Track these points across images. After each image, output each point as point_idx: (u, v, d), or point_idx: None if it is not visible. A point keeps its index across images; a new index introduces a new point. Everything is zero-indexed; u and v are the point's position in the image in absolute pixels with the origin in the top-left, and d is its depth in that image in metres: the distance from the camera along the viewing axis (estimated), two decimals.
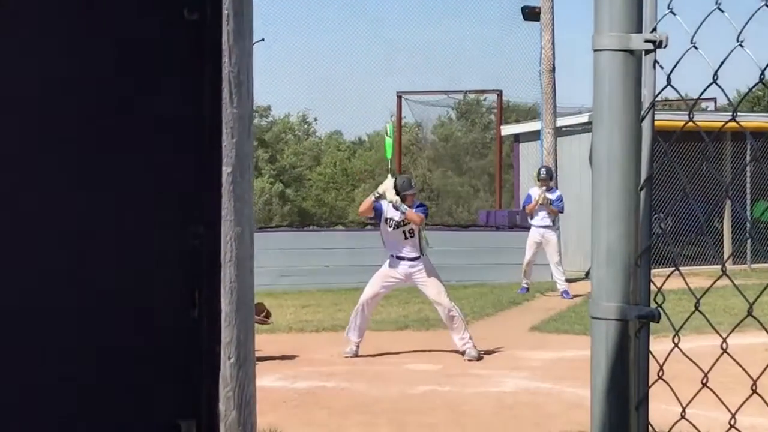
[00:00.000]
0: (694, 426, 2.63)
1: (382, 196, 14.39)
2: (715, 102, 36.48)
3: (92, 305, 1.56)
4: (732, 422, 2.49)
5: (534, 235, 22.29)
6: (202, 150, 1.51)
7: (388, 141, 15.66)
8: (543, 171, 22.65)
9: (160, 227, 1.46)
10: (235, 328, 3.22)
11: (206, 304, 1.40)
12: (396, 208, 14.27)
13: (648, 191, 2.39)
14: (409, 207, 14.30)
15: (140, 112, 1.60)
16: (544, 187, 22.19)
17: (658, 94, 2.35)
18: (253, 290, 3.27)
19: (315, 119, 60.42)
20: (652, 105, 2.36)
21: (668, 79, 2.39)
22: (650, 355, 2.44)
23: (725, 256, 26.96)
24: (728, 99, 2.34)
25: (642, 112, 2.36)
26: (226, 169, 3.21)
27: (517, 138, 32.43)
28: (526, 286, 22.48)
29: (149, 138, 1.56)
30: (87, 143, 1.81)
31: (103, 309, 1.57)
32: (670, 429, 2.56)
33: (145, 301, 1.43)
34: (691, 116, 2.52)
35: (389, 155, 15.58)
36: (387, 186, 14.43)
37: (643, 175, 2.39)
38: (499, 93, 31.97)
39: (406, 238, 14.36)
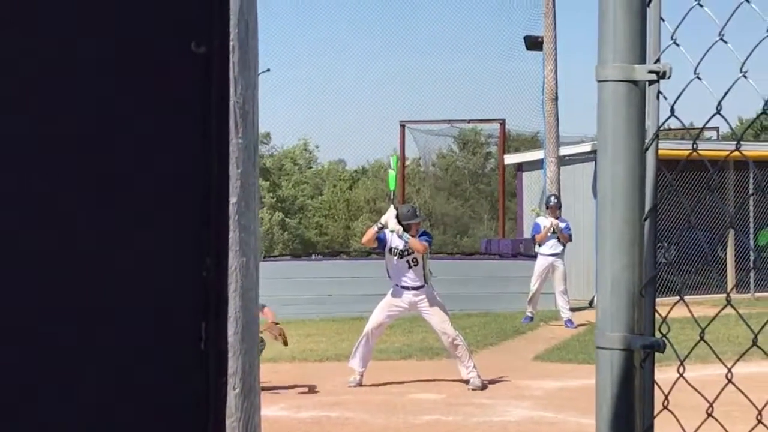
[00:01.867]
0: None
1: (384, 226, 14.40)
2: (718, 131, 36.51)
3: (96, 340, 1.57)
4: None
5: (542, 263, 22.25)
6: (210, 181, 1.52)
7: (392, 173, 15.69)
8: (553, 199, 22.66)
9: (168, 259, 1.47)
10: (240, 358, 3.22)
11: (213, 337, 1.41)
12: (399, 236, 14.28)
13: (652, 221, 2.39)
14: (413, 236, 14.31)
15: (147, 146, 1.61)
16: (553, 216, 22.18)
17: (662, 124, 2.36)
18: (258, 321, 3.28)
19: (317, 147, 60.60)
20: (656, 135, 2.37)
21: (672, 110, 2.41)
22: (655, 385, 2.44)
23: (729, 284, 26.95)
24: (731, 129, 2.35)
25: (646, 143, 2.37)
26: (231, 200, 3.22)
27: (520, 167, 32.46)
28: (530, 315, 22.44)
29: (156, 170, 1.57)
30: (89, 170, 1.82)
31: (105, 343, 1.57)
32: None
33: (151, 335, 1.43)
34: (695, 146, 2.53)
35: (392, 187, 15.61)
36: (389, 215, 14.45)
37: (648, 206, 2.40)
38: (502, 122, 32.03)
39: (410, 267, 14.36)
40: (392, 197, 15.30)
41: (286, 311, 22.89)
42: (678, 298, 2.85)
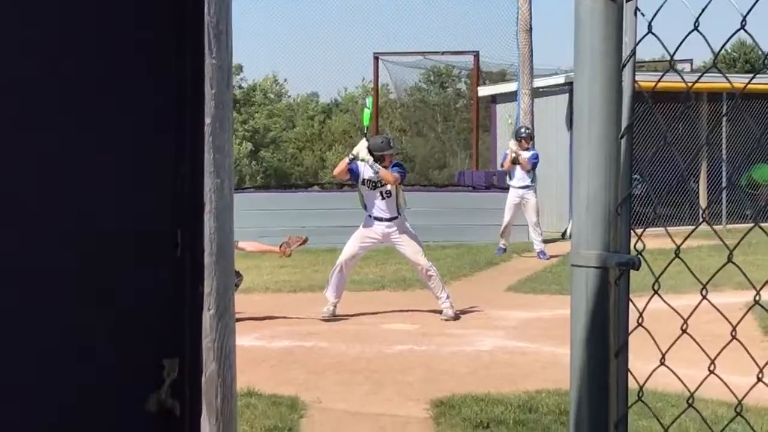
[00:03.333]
0: (674, 372, 2.65)
1: (356, 158, 14.35)
2: (692, 63, 36.55)
3: (72, 243, 1.55)
4: (712, 368, 2.50)
5: (513, 196, 22.31)
6: (185, 98, 1.50)
7: (367, 111, 15.62)
8: (523, 130, 22.66)
9: (144, 167, 1.45)
10: (215, 279, 3.21)
11: (189, 244, 1.40)
12: (371, 167, 14.24)
13: (629, 139, 2.39)
14: (386, 167, 14.28)
15: (122, 65, 1.59)
16: (523, 148, 22.18)
17: (639, 41, 2.35)
18: (232, 242, 3.27)
19: (285, 80, 60.40)
20: (633, 52, 2.35)
21: (649, 26, 2.39)
22: (630, 303, 2.45)
23: (701, 214, 27.06)
24: (710, 47, 2.34)
25: (623, 60, 2.36)
26: (206, 120, 3.21)
27: (494, 99, 32.42)
28: (503, 246, 22.49)
29: (132, 85, 1.55)
30: (67, 91, 1.79)
31: (85, 249, 1.56)
32: (649, 376, 2.58)
33: (127, 241, 1.42)
34: (671, 61, 2.52)
35: (366, 123, 15.53)
36: (361, 147, 14.41)
37: (624, 123, 2.39)
38: (476, 54, 31.90)
39: (382, 198, 14.34)
40: (366, 132, 15.23)
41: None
42: (653, 227, 2.85)
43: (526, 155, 22.11)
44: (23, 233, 1.56)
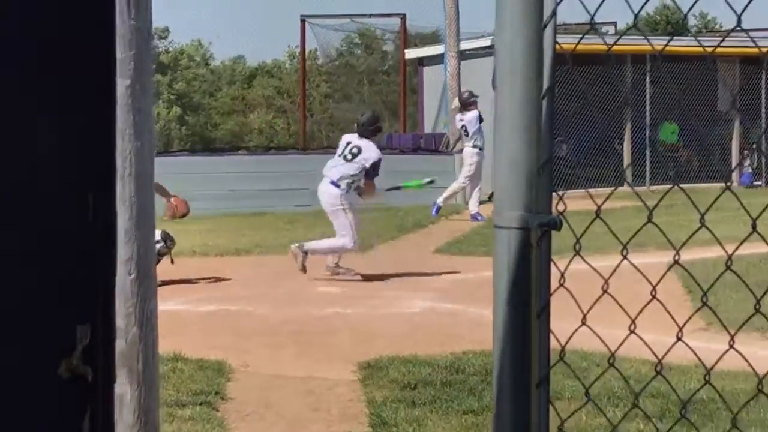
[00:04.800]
0: (594, 332, 2.66)
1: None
2: (615, 26, 36.77)
3: None
4: (632, 328, 2.52)
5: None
6: (94, 50, 1.47)
7: (416, 182, 16.19)
8: (464, 95, 22.70)
9: (51, 128, 1.42)
10: (135, 243, 3.19)
11: (101, 208, 1.37)
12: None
13: (550, 100, 2.38)
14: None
15: (28, 27, 1.55)
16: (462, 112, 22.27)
17: (560, 2, 2.35)
18: (153, 206, 3.24)
19: (210, 43, 60.05)
20: (554, 13, 2.35)
21: None
22: (552, 264, 2.45)
23: (627, 175, 27.33)
24: (631, 8, 2.34)
25: (544, 20, 2.35)
26: (124, 82, 3.16)
27: (421, 62, 32.41)
28: (441, 204, 22.35)
29: (37, 45, 1.51)
30: None
31: None
32: (570, 336, 2.59)
33: (34, 203, 1.39)
34: (592, 22, 2.52)
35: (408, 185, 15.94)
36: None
37: (546, 84, 2.39)
38: (403, 17, 31.88)
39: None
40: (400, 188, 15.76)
41: None
42: (577, 189, 2.86)
43: (469, 117, 22.14)
44: None
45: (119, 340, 3.18)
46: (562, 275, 2.51)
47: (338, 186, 14.51)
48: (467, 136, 22.29)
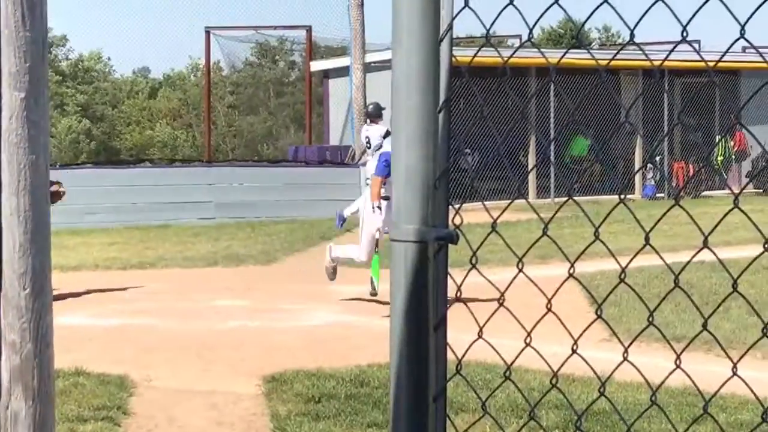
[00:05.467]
0: (491, 345, 2.68)
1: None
2: (520, 38, 37.10)
3: None
4: (528, 341, 2.53)
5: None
6: None
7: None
8: (371, 107, 22.68)
9: None
10: (31, 257, 3.14)
11: None
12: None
13: (446, 113, 2.39)
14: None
15: None
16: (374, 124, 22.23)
17: (456, 15, 2.35)
18: (48, 219, 3.19)
19: (109, 58, 59.54)
20: (450, 26, 2.36)
21: (466, 1, 2.40)
22: (449, 278, 2.46)
23: (530, 189, 27.57)
24: (526, 22, 2.35)
25: (440, 34, 2.36)
26: (19, 95, 3.11)
27: (327, 74, 32.43)
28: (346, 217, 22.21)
29: None
30: None
31: None
32: (467, 349, 2.60)
33: None
34: (487, 35, 2.53)
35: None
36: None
37: (442, 97, 2.39)
38: (309, 29, 31.86)
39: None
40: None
41: (89, 219, 22.59)
42: (479, 202, 2.87)
43: (375, 132, 22.16)
44: None
45: (14, 356, 3.13)
46: (459, 288, 2.52)
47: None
48: (369, 148, 22.33)
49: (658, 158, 30.53)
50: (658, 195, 29.35)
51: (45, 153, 3.07)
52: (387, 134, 22.00)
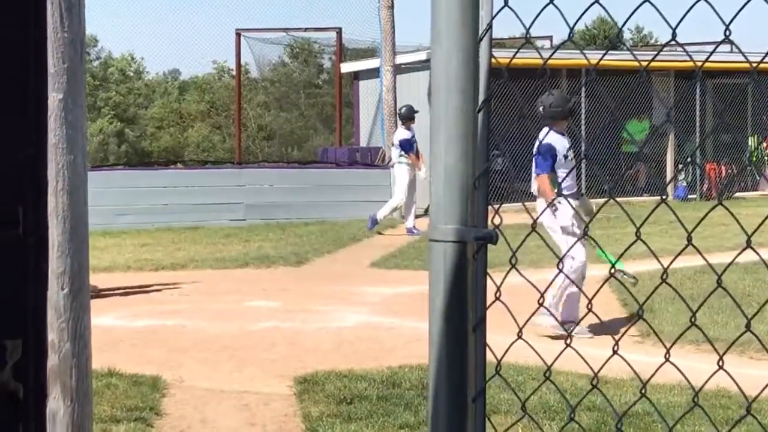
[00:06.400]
0: (531, 346, 2.66)
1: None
2: (551, 40, 37.03)
3: None
4: (568, 341, 2.52)
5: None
6: (28, 62, 1.44)
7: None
8: (403, 109, 22.66)
9: None
10: (69, 257, 3.14)
11: (32, 222, 1.34)
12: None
13: (486, 113, 2.38)
14: None
15: None
16: (405, 127, 22.21)
17: (496, 14, 2.35)
18: (86, 220, 3.20)
19: (142, 58, 59.73)
20: (490, 26, 2.35)
21: (506, 0, 2.39)
22: (488, 278, 2.45)
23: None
24: (566, 21, 2.34)
25: (480, 33, 2.36)
26: (57, 95, 3.12)
27: (357, 75, 32.44)
28: (378, 220, 22.10)
29: None
30: None
31: None
32: (507, 350, 2.59)
33: None
34: (527, 36, 2.52)
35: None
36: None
37: (481, 97, 2.39)
38: (339, 30, 31.88)
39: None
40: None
41: (121, 221, 22.65)
42: (514, 203, 2.86)
43: (401, 133, 22.17)
44: None
45: (52, 356, 3.14)
46: (498, 289, 2.51)
47: None
48: (397, 149, 22.31)
49: (689, 159, 30.38)
50: (690, 196, 29.24)
51: (83, 153, 3.07)
52: (413, 139, 22.02)
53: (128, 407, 8.44)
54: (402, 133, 22.25)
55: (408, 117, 22.23)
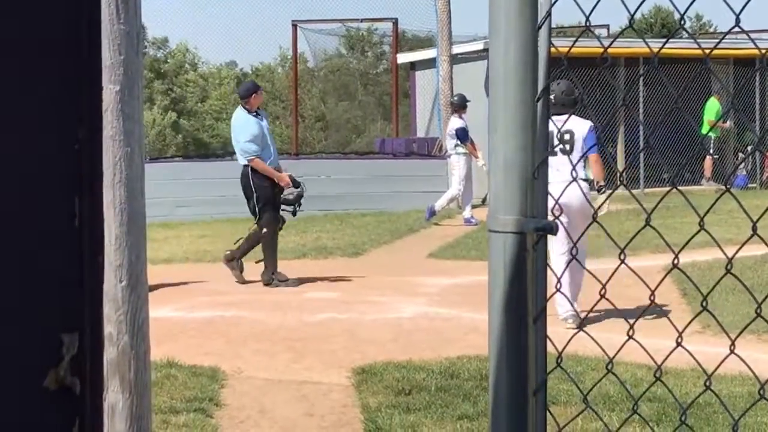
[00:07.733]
0: (592, 337, 2.63)
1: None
2: (608, 29, 36.78)
3: None
4: (630, 333, 2.49)
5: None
6: (80, 49, 1.43)
7: None
8: (456, 98, 22.62)
9: (36, 131, 1.38)
10: (127, 250, 3.15)
11: (87, 214, 1.33)
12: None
13: (545, 102, 2.35)
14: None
15: (12, 30, 1.51)
16: (458, 115, 22.16)
17: (555, 1, 2.31)
18: (144, 212, 3.20)
19: (196, 48, 60.06)
20: (549, 13, 2.32)
21: None
22: (548, 268, 2.42)
23: (618, 178, 27.26)
24: (627, 8, 2.30)
25: (539, 21, 2.32)
26: (114, 87, 3.12)
27: (413, 66, 32.38)
28: (436, 210, 22.04)
29: (23, 50, 1.48)
30: None
31: None
32: (568, 341, 2.56)
33: (18, 208, 1.35)
34: (587, 24, 2.48)
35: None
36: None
37: (540, 86, 2.36)
38: (395, 21, 31.84)
39: None
40: None
41: (179, 213, 22.76)
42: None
43: (454, 123, 22.13)
44: None
45: (111, 348, 3.15)
46: (558, 280, 2.47)
47: None
48: (453, 139, 22.25)
49: (750, 148, 30.06)
50: (750, 185, 28.94)
51: (140, 145, 3.08)
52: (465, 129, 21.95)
53: (187, 398, 8.48)
54: (456, 122, 22.19)
55: (461, 105, 22.19)
